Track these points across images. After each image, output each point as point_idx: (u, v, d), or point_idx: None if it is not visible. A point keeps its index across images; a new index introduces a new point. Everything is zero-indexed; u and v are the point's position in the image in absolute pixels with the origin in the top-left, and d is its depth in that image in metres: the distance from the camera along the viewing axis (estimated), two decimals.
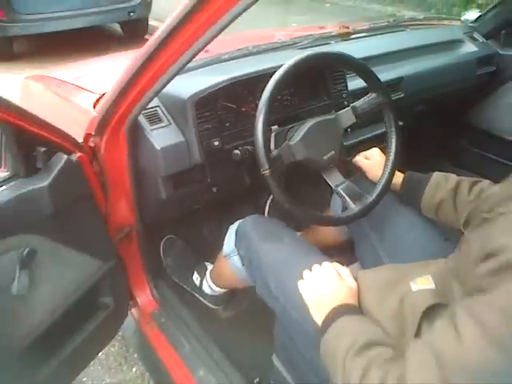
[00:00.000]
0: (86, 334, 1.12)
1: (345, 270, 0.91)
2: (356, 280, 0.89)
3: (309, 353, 0.94)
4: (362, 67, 1.08)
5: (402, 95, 1.45)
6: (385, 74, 1.41)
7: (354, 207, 1.04)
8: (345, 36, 1.55)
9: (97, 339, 1.18)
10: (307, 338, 0.91)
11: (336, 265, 0.92)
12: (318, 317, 0.84)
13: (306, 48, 1.43)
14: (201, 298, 1.46)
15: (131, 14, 4.59)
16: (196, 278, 1.45)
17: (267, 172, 0.93)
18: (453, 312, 0.60)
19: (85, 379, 1.50)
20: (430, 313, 0.74)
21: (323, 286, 0.86)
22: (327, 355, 0.77)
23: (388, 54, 1.50)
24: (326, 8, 6.27)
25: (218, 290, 1.40)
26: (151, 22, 5.15)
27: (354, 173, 1.23)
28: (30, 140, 0.88)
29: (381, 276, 0.90)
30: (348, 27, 1.59)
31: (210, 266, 1.43)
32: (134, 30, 5.06)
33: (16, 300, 0.92)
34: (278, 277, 0.99)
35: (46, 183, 0.90)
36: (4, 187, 0.89)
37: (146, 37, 5.22)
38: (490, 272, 0.56)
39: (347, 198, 1.05)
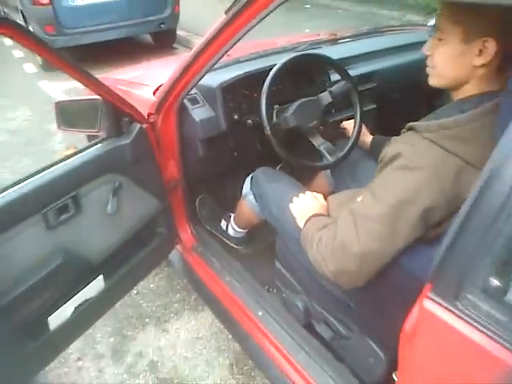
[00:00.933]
0: (146, 252, 1.62)
1: (320, 195, 1.39)
2: (327, 201, 1.38)
3: (299, 253, 1.41)
4: (333, 63, 1.58)
5: (375, 84, 1.93)
6: (361, 68, 1.90)
7: (330, 158, 1.53)
8: (333, 41, 2.04)
9: (153, 258, 1.69)
10: (297, 242, 1.38)
11: (314, 193, 1.40)
12: (302, 224, 1.32)
13: (303, 51, 1.91)
14: (227, 241, 1.95)
15: (161, 25, 5.16)
16: (223, 224, 1.95)
17: (269, 132, 1.43)
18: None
19: (141, 301, 2.02)
20: None
21: (305, 205, 1.34)
22: (304, 241, 1.24)
23: (365, 53, 1.97)
24: (339, 14, 6.74)
25: (240, 231, 1.89)
26: (178, 32, 5.72)
27: (336, 140, 1.72)
28: (119, 113, 1.40)
29: (343, 195, 1.38)
30: (335, 34, 2.08)
31: (233, 215, 1.92)
32: (163, 39, 5.65)
33: (109, 218, 1.43)
34: (278, 203, 1.48)
35: (128, 141, 1.42)
36: (101, 144, 1.41)
37: (174, 45, 5.79)
38: (377, 171, 1.04)
39: (325, 152, 1.54)
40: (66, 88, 4.53)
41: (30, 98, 4.62)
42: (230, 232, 1.92)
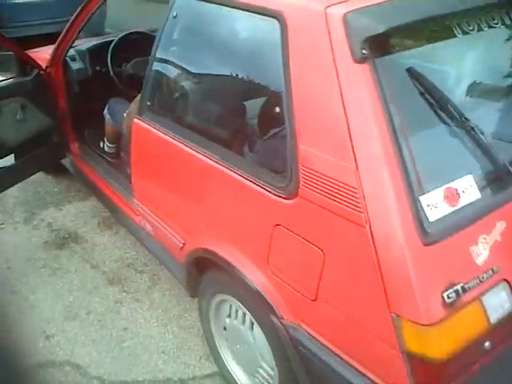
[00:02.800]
0: (44, 150, 2.68)
1: None
2: None
3: (128, 136, 2.50)
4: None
5: None
6: None
7: None
8: None
9: (49, 155, 2.75)
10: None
11: None
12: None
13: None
14: (104, 156, 3.02)
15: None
16: (101, 144, 3.01)
17: (112, 75, 2.54)
18: None
19: (47, 196, 3.05)
20: None
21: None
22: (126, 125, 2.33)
23: None
24: None
25: (111, 146, 2.94)
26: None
27: None
28: (24, 62, 2.46)
29: None
30: None
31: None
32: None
33: (18, 122, 2.47)
34: (120, 114, 2.55)
35: (29, 78, 2.48)
36: (13, 79, 2.47)
37: None
38: None
39: None
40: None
41: None
42: (106, 148, 2.98)
